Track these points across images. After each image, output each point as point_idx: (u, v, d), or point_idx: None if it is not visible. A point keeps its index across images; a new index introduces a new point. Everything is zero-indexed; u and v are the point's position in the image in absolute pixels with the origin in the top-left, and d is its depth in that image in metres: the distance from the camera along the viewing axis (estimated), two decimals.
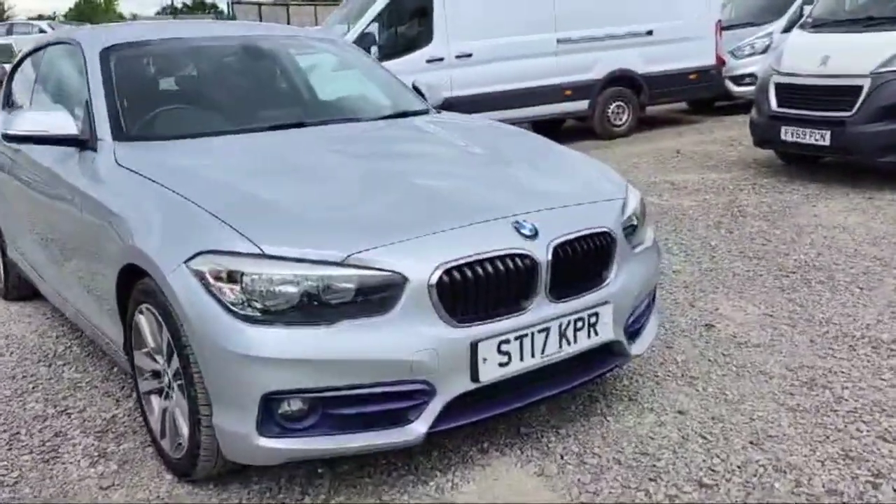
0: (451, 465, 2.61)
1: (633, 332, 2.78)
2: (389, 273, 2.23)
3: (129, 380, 3.41)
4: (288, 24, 31.41)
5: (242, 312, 2.22)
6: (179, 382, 2.48)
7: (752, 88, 11.77)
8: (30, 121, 3.09)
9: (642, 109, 10.93)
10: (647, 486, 2.43)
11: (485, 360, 2.31)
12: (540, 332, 2.41)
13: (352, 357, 2.20)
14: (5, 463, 2.79)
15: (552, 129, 10.91)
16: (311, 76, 3.88)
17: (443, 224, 2.38)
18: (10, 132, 3.11)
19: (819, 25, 7.36)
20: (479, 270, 2.31)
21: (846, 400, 2.95)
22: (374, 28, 9.71)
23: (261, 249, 2.24)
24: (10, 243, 4.31)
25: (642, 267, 2.81)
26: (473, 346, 2.29)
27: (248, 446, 2.26)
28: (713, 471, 2.51)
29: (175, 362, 2.45)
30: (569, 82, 10.28)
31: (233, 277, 2.25)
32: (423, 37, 9.66)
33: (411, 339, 2.23)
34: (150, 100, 3.38)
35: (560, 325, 2.45)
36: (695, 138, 10.12)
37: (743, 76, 11.72)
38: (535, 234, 2.43)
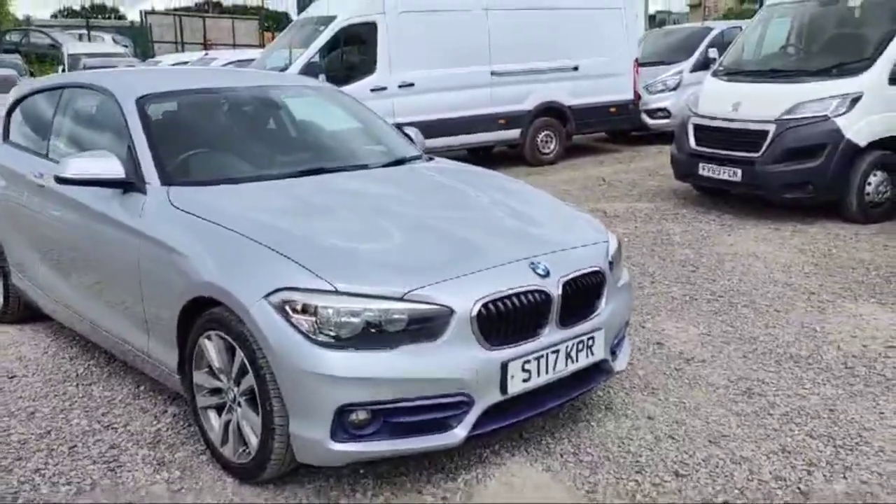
0: (472, 466, 3.13)
1: (614, 353, 3.38)
2: (440, 307, 2.75)
3: (161, 396, 3.78)
4: (204, 37, 31.16)
5: (318, 339, 2.70)
6: (247, 398, 2.92)
7: (664, 121, 12.87)
8: (82, 165, 3.44)
9: (569, 139, 11.75)
10: (636, 477, 3.03)
11: (512, 376, 2.86)
12: (552, 353, 2.98)
13: (410, 376, 2.70)
14: (76, 472, 3.13)
15: (484, 155, 11.60)
16: (319, 123, 4.35)
17: (476, 265, 2.92)
18: (64, 175, 3.46)
19: (730, 74, 8.28)
20: (507, 304, 2.86)
21: (778, 405, 3.64)
22: (319, 57, 10.13)
23: (334, 287, 2.72)
24: (17, 270, 4.56)
25: (622, 298, 3.42)
26: (504, 366, 2.83)
27: (322, 450, 2.73)
28: (685, 464, 3.13)
29: (246, 381, 2.88)
30: (503, 112, 10.99)
31: (307, 310, 2.72)
32: (367, 66, 10.16)
33: (457, 360, 2.75)
34: (187, 146, 3.77)
35: (566, 347, 3.03)
36: (617, 167, 10.99)
37: (656, 110, 12.77)
38: (547, 274, 3.00)
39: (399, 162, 4.12)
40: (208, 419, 3.17)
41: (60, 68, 21.15)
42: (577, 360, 3.09)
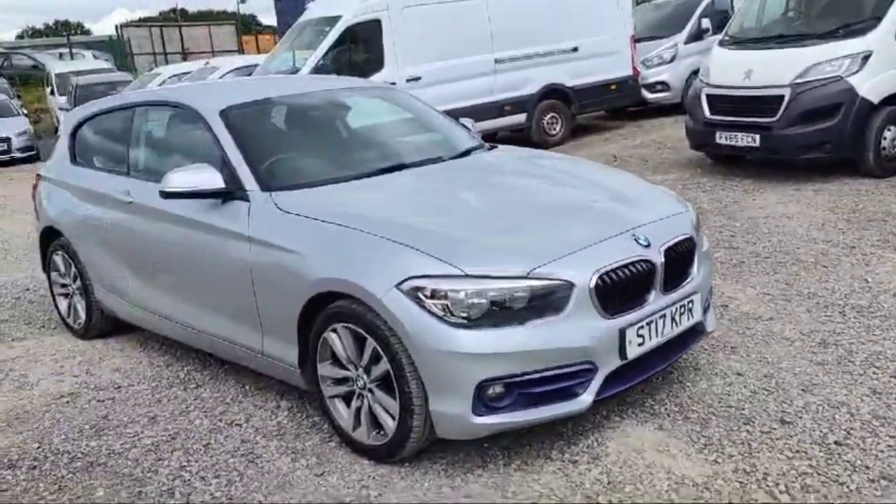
0: (588, 431, 3.33)
1: (705, 314, 3.59)
2: (561, 282, 2.94)
3: (269, 392, 3.96)
4: (182, 46, 31.04)
5: (452, 321, 2.88)
6: (378, 383, 3.11)
7: (663, 95, 13.10)
8: (185, 179, 3.60)
9: (573, 119, 11.96)
10: (745, 428, 3.24)
11: (630, 342, 3.06)
12: (660, 317, 3.18)
13: (541, 348, 2.90)
14: (219, 465, 3.31)
15: (489, 141, 11.78)
16: (387, 121, 4.53)
17: (586, 241, 3.11)
18: (168, 189, 3.62)
19: (737, 42, 8.49)
20: (619, 274, 3.05)
21: (856, 353, 3.86)
22: (327, 58, 10.27)
23: (463, 271, 2.91)
24: (100, 286, 4.72)
25: (707, 263, 3.63)
26: (622, 332, 3.03)
27: (464, 424, 2.92)
28: (786, 412, 3.34)
29: (379, 368, 3.06)
30: (508, 98, 11.18)
31: (437, 294, 2.90)
32: (375, 64, 10.31)
33: (581, 330, 2.95)
34: (274, 152, 3.92)
35: (671, 312, 3.23)
36: (624, 143, 11.20)
37: (654, 84, 13.00)
38: (648, 244, 3.20)
39: (467, 152, 4.29)
40: (336, 407, 3.35)
41: (49, 90, 21.06)
42: (680, 323, 3.29)
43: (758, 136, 7.74)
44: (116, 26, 31.84)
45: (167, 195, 3.65)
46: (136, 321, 4.58)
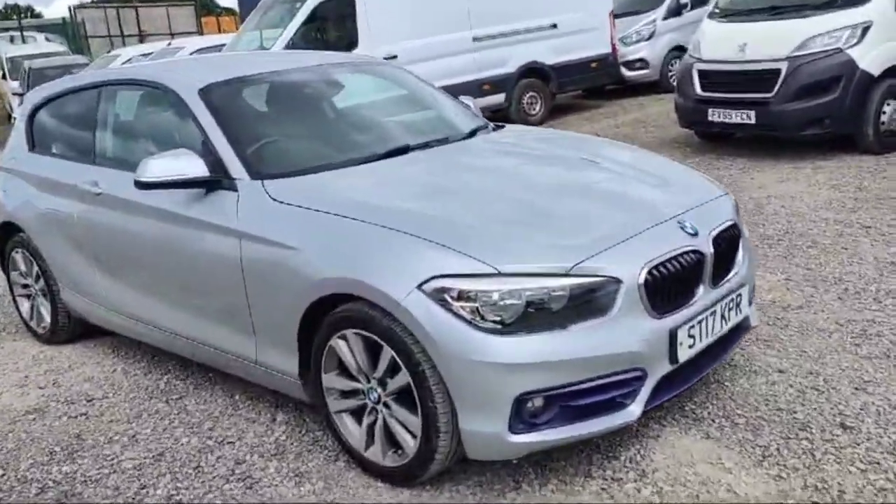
0: (627, 441, 2.98)
1: (750, 307, 3.26)
2: (607, 278, 2.57)
3: (262, 404, 3.55)
4: (139, 27, 30.03)
5: (484, 326, 2.50)
6: (395, 397, 2.72)
7: (642, 72, 12.80)
8: (164, 167, 3.16)
9: (553, 98, 11.60)
10: (805, 435, 2.91)
11: (681, 343, 2.70)
12: (710, 315, 2.83)
13: (587, 355, 2.53)
14: (214, 493, 2.90)
15: None
16: (384, 99, 4.10)
17: (628, 231, 2.74)
18: (145, 179, 3.18)
19: (728, 15, 8.17)
20: (668, 267, 2.70)
21: None
22: (298, 36, 9.78)
23: (496, 269, 2.52)
24: (66, 287, 4.25)
25: (750, 251, 3.29)
26: (672, 333, 2.68)
27: (499, 444, 2.55)
28: (844, 415, 3.03)
29: (398, 380, 2.67)
30: (486, 77, 10.78)
31: (466, 296, 2.51)
32: (348, 42, 9.83)
33: (630, 333, 2.59)
34: (263, 136, 3.49)
35: (721, 307, 2.89)
36: (606, 123, 10.88)
37: (633, 61, 12.69)
38: (696, 232, 2.84)
39: (472, 133, 3.89)
40: (344, 423, 2.96)
41: (0, 73, 20.13)
42: (729, 320, 2.96)
43: (753, 113, 7.44)
44: (70, 8, 30.69)
45: (143, 185, 3.20)
46: (108, 325, 4.13)
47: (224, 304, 3.25)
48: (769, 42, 7.42)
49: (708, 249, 2.83)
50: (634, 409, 2.64)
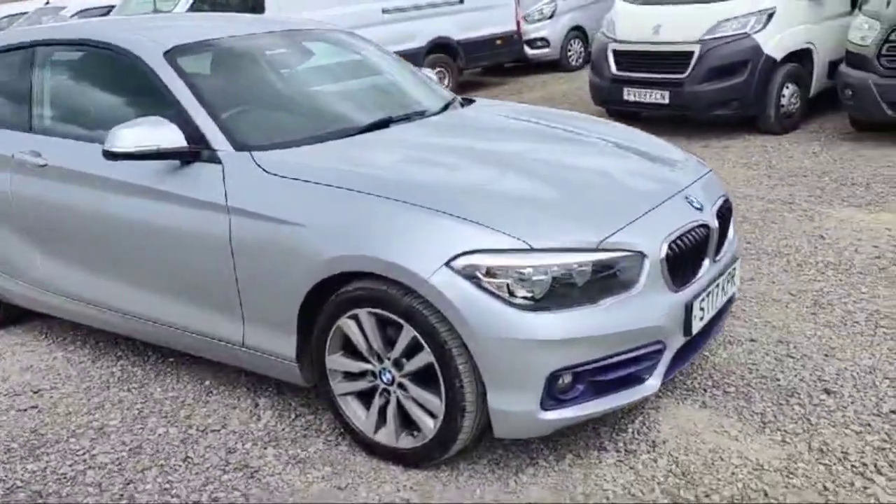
0: (630, 413, 3.02)
1: None
2: (633, 253, 2.58)
3: (239, 389, 3.36)
4: None
5: (517, 302, 2.45)
6: (412, 378, 2.63)
7: (544, 51, 12.99)
8: (137, 137, 2.89)
9: (460, 73, 11.59)
10: (796, 401, 3.05)
11: (695, 316, 2.75)
12: (715, 287, 2.90)
13: (617, 330, 2.52)
14: (213, 485, 2.71)
15: None
16: (356, 69, 3.92)
17: (644, 206, 2.75)
18: (115, 149, 2.90)
19: None
20: (684, 241, 2.73)
21: (855, 312, 3.79)
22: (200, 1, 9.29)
23: (528, 244, 2.47)
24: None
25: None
26: (688, 307, 2.72)
27: (531, 421, 2.51)
28: (824, 380, 3.18)
29: (419, 360, 2.58)
30: (395, 51, 10.56)
31: (496, 272, 2.45)
32: (253, 7, 9.42)
33: (654, 307, 2.60)
34: (239, 104, 3.25)
35: (721, 280, 2.96)
36: (513, 100, 10.97)
37: (535, 40, 12.85)
38: (702, 207, 2.89)
39: (446, 106, 3.80)
40: (349, 406, 2.84)
41: None
42: (727, 292, 3.04)
43: (667, 93, 7.71)
44: None
45: (114, 156, 2.92)
46: (51, 310, 3.77)
47: (205, 284, 3.03)
48: (682, 25, 7.68)
49: (713, 223, 2.89)
50: (654, 383, 2.67)
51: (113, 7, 10.95)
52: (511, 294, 2.46)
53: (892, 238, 4.73)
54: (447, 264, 2.46)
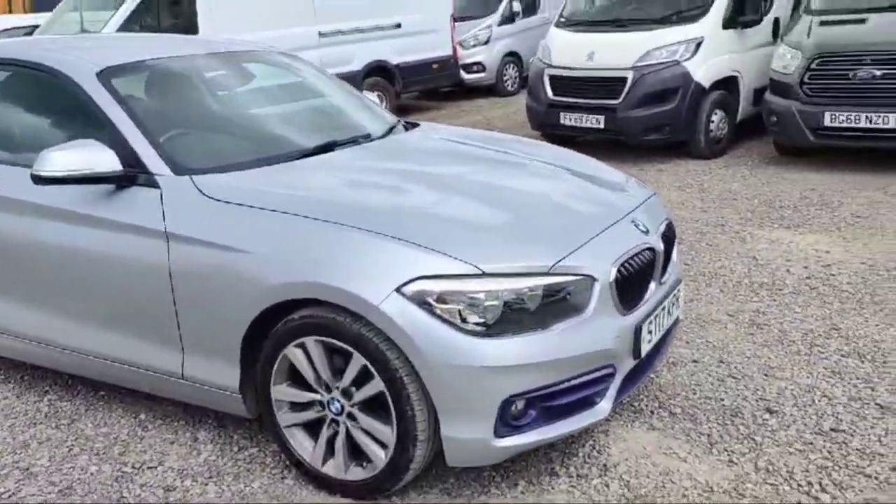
0: (582, 438, 3.00)
1: None
2: (583, 276, 2.57)
3: (176, 423, 3.23)
4: None
5: (469, 328, 2.42)
6: (360, 407, 2.57)
7: (480, 76, 13.11)
8: (67, 160, 2.77)
9: (397, 98, 11.60)
10: (739, 422, 3.08)
11: (643, 339, 2.77)
12: (661, 310, 2.92)
13: (569, 354, 2.51)
14: None
15: None
16: (295, 91, 3.85)
17: (592, 229, 2.76)
18: (44, 173, 2.77)
19: (574, 24, 8.57)
20: (631, 265, 2.75)
21: (790, 332, 3.88)
22: (130, 23, 9.09)
23: (480, 269, 2.45)
24: None
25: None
26: (637, 329, 2.73)
27: (484, 449, 2.47)
28: (766, 399, 3.24)
29: (368, 388, 2.52)
30: (333, 74, 10.54)
31: (447, 298, 2.42)
32: (186, 31, 9.25)
33: (605, 331, 2.60)
34: (176, 127, 3.15)
35: (667, 302, 2.99)
36: (452, 124, 11.02)
37: (471, 65, 12.98)
38: (647, 230, 2.92)
39: (390, 130, 3.76)
40: (295, 437, 2.75)
41: None
42: (672, 314, 3.07)
43: (602, 118, 7.88)
44: None
45: (43, 180, 2.79)
46: None
47: (141, 313, 2.91)
48: (615, 52, 7.87)
49: (659, 246, 2.93)
50: (605, 406, 2.67)
51: (37, 27, 10.61)
52: (463, 320, 2.42)
53: (819, 259, 4.89)
54: (398, 290, 2.42)
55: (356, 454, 2.66)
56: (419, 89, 12.28)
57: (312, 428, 2.73)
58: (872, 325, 3.90)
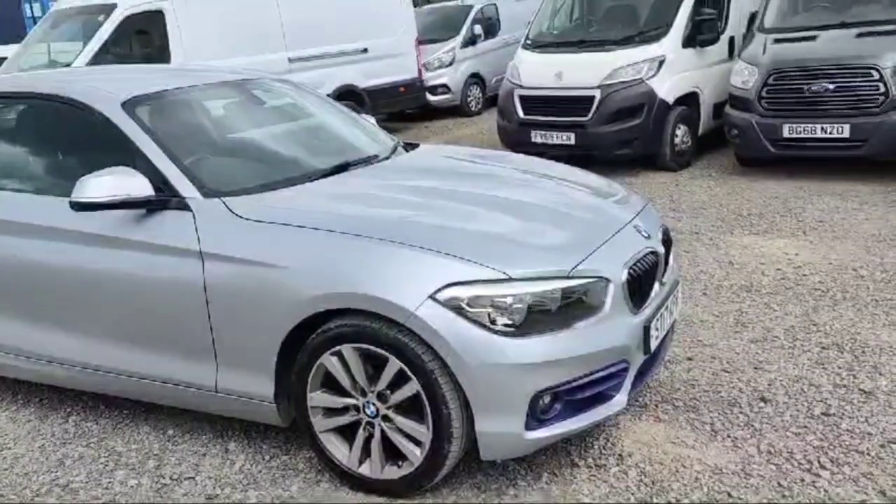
0: (594, 432, 3.21)
1: None
2: (599, 279, 2.80)
3: (204, 436, 3.35)
4: None
5: (499, 329, 2.62)
6: (396, 409, 2.74)
7: (445, 97, 13.37)
8: (105, 186, 2.91)
9: None
10: (736, 411, 3.32)
11: (651, 336, 2.99)
12: (664, 309, 3.16)
13: (590, 350, 2.72)
14: None
15: None
16: (305, 117, 4.03)
17: (601, 236, 2.99)
18: (84, 200, 2.91)
19: (540, 46, 8.89)
20: (639, 267, 2.98)
21: (773, 329, 4.15)
22: (102, 53, 9.14)
23: (507, 274, 2.65)
24: None
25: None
26: (647, 327, 2.96)
27: (516, 442, 2.67)
28: (758, 390, 3.49)
29: (405, 390, 2.69)
30: None
31: (478, 302, 2.62)
32: (158, 60, 9.34)
33: (619, 329, 2.82)
34: (200, 152, 3.31)
35: (668, 302, 3.22)
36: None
37: (436, 87, 13.25)
38: (649, 236, 3.16)
39: (394, 150, 3.97)
40: (331, 442, 2.90)
41: None
42: (673, 313, 3.30)
43: (573, 135, 8.18)
44: None
45: (82, 206, 2.93)
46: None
47: (175, 330, 3.04)
48: (582, 71, 8.19)
49: (660, 249, 3.16)
50: (622, 399, 2.88)
51: (4, 59, 10.57)
52: (492, 322, 2.62)
53: (791, 262, 5.19)
54: (431, 297, 2.60)
55: (391, 454, 2.82)
56: (387, 112, 12.48)
57: (346, 431, 2.88)
58: (847, 319, 4.19)
